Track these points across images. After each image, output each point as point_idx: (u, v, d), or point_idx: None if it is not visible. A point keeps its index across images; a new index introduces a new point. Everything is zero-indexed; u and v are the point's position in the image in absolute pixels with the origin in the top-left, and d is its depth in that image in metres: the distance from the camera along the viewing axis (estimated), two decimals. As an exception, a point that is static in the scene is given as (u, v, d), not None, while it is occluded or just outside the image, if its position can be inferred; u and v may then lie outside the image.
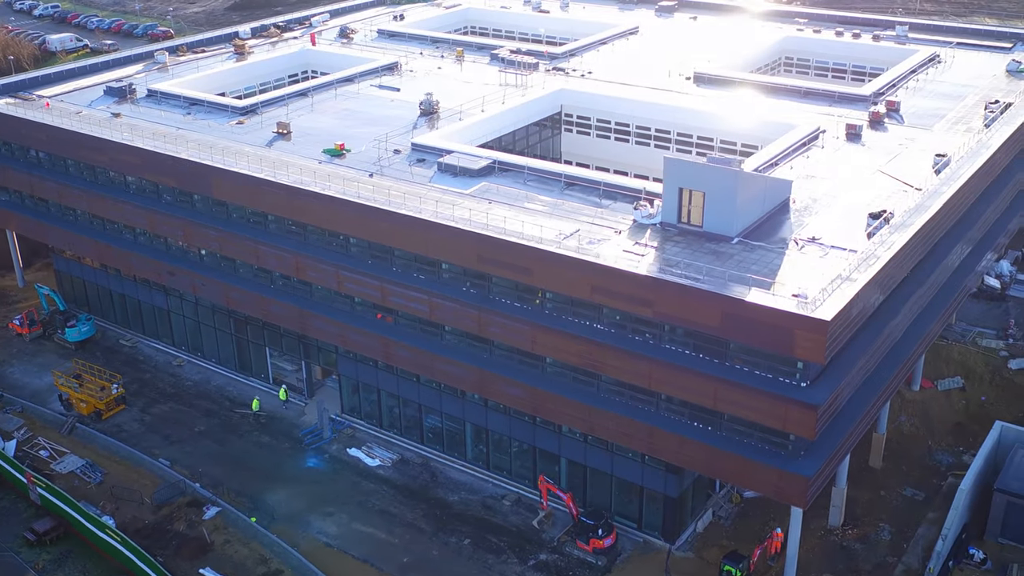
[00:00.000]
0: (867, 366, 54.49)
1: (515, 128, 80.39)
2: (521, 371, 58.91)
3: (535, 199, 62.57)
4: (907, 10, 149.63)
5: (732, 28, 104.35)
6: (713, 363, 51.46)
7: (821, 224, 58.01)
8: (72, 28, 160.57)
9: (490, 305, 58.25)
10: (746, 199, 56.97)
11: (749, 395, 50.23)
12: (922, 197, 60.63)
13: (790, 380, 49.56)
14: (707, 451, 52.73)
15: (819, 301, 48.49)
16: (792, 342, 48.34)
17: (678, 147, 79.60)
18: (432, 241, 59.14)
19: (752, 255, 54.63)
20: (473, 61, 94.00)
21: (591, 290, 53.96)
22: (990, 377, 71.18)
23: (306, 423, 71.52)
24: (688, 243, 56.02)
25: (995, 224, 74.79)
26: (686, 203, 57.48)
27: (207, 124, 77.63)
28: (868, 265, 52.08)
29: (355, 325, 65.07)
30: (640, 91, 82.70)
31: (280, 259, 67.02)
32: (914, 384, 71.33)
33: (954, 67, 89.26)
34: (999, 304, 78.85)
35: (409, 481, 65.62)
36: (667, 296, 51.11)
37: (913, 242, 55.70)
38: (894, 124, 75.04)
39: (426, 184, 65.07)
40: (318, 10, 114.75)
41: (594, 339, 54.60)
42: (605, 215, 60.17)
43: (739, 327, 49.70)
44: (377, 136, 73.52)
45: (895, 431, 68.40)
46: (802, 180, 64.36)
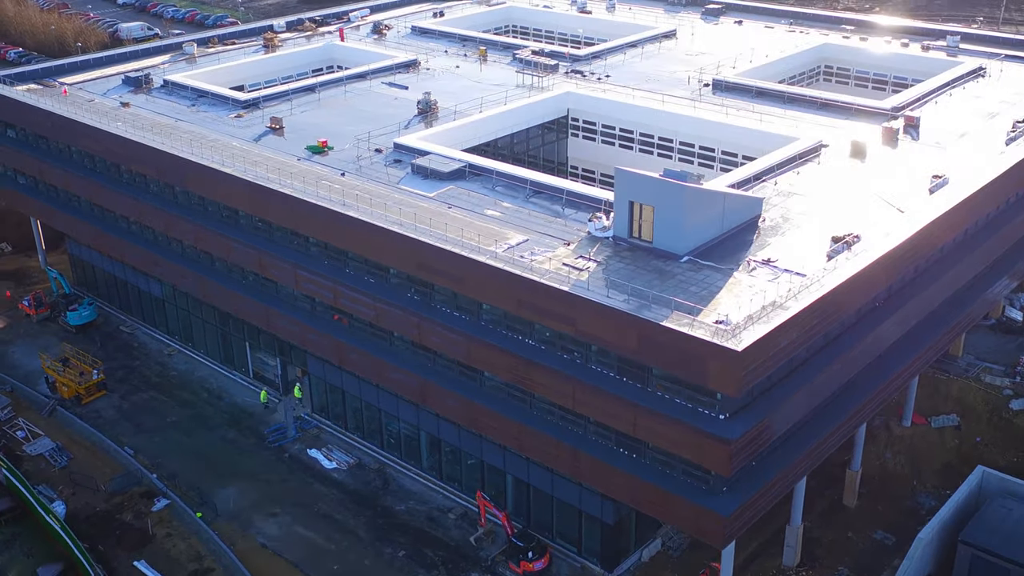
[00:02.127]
0: (811, 402, 51.03)
1: (515, 131, 78.55)
2: (460, 383, 57.23)
3: (497, 205, 60.75)
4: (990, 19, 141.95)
5: (774, 34, 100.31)
6: (634, 388, 48.86)
7: (784, 245, 54.65)
8: (149, 17, 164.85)
9: (430, 313, 56.71)
10: (699, 216, 54.02)
11: (666, 424, 47.50)
12: (900, 221, 56.61)
13: (709, 411, 46.64)
14: (628, 480, 50.18)
15: (740, 329, 45.48)
16: (705, 371, 45.44)
17: (680, 156, 76.63)
18: (375, 245, 57.93)
19: (696, 275, 51.73)
20: (495, 61, 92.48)
21: (518, 304, 51.92)
22: (988, 416, 66.25)
23: (276, 420, 71.18)
24: (634, 259, 53.41)
25: (1012, 251, 69.81)
26: (637, 217, 54.83)
27: (208, 116, 78.07)
28: (808, 292, 48.66)
29: (312, 326, 64.35)
30: (646, 98, 79.83)
31: (247, 255, 66.79)
32: (905, 419, 66.90)
33: (999, 81, 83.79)
34: (1017, 338, 73.42)
35: (361, 486, 64.59)
36: (587, 315, 48.72)
37: (872, 269, 51.83)
38: (907, 141, 70.55)
39: (393, 186, 63.89)
40: (366, 5, 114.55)
41: (523, 355, 52.53)
42: (561, 225, 57.98)
43: (655, 352, 47.03)
44: (369, 134, 72.67)
45: (878, 468, 64.27)
46: (781, 197, 60.97)
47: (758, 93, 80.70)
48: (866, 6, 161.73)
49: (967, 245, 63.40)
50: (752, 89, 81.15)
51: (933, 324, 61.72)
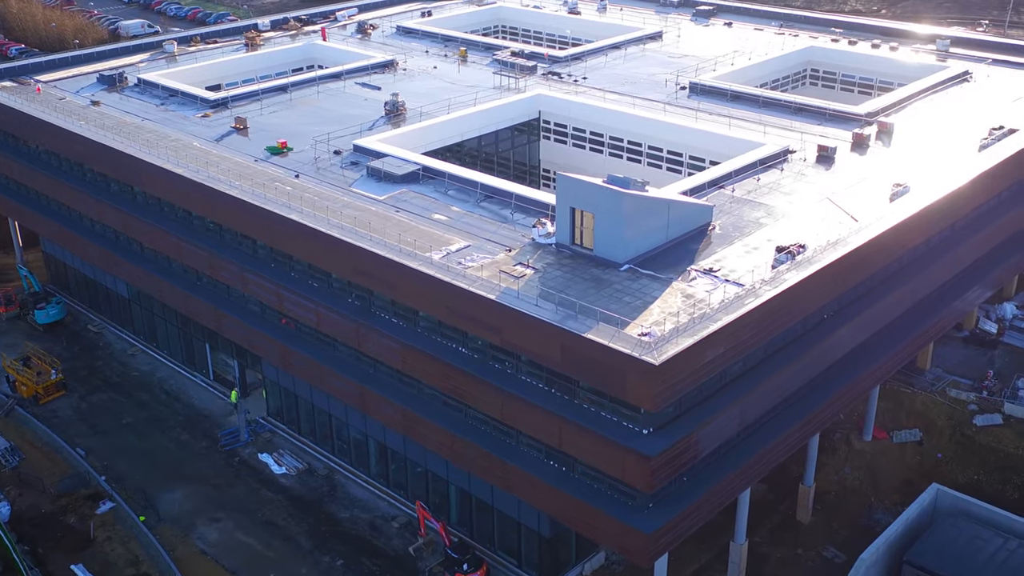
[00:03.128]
0: (747, 416, 49.57)
1: (484, 132, 77.49)
2: (398, 391, 56.17)
3: (446, 210, 59.69)
4: (996, 22, 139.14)
5: (762, 36, 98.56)
6: (561, 400, 47.63)
7: (730, 254, 53.20)
8: (153, 14, 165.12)
9: (368, 320, 55.72)
10: (641, 223, 52.66)
11: (589, 438, 46.23)
12: (852, 230, 55.00)
13: (632, 426, 45.34)
14: (556, 494, 48.91)
15: (664, 342, 44.16)
16: (624, 385, 44.17)
17: (649, 161, 75.30)
18: (314, 248, 57.05)
19: (634, 285, 50.42)
20: (474, 62, 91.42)
21: (448, 312, 50.84)
22: (951, 432, 64.36)
23: (231, 423, 70.51)
24: (573, 267, 52.18)
25: (984, 261, 67.90)
26: (578, 224, 53.64)
27: (175, 116, 77.51)
28: (740, 304, 47.23)
29: (260, 329, 63.53)
30: (617, 102, 78.49)
31: (198, 257, 66.10)
32: (865, 433, 65.16)
33: (984, 86, 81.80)
34: (988, 351, 71.38)
35: (307, 492, 63.77)
36: (512, 325, 47.57)
37: (814, 281, 50.29)
38: (878, 147, 68.85)
39: (345, 188, 63.02)
40: (358, 4, 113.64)
41: (454, 364, 51.42)
42: (507, 231, 56.83)
43: (578, 364, 45.79)
44: (332, 135, 71.85)
45: (836, 483, 62.66)
46: (736, 204, 59.55)
47: (733, 97, 79.26)
48: (873, 8, 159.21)
49: (931, 254, 61.66)
50: (727, 93, 79.71)
51: (893, 335, 60.07)
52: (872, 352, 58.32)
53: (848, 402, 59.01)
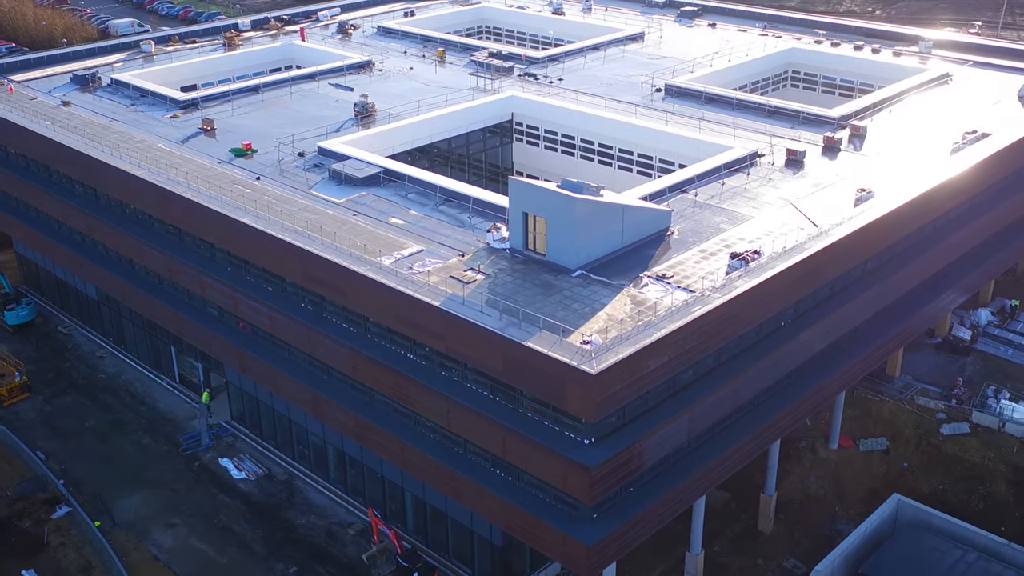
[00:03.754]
0: (697, 425, 48.75)
1: (454, 134, 76.77)
2: (350, 397, 55.49)
3: (404, 213, 58.98)
4: (991, 23, 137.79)
5: (745, 37, 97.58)
6: (505, 409, 46.86)
7: (687, 260, 52.37)
8: (145, 14, 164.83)
9: (320, 325, 55.05)
10: (594, 229, 51.82)
11: (532, 448, 45.47)
12: (810, 237, 54.11)
13: (574, 436, 44.54)
14: (501, 504, 48.17)
15: (604, 350, 43.37)
16: (563, 394, 43.38)
17: (620, 164, 74.47)
18: (266, 252, 56.40)
19: (584, 291, 49.64)
20: (452, 63, 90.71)
21: (395, 318, 50.13)
22: (918, 441, 63.36)
23: (193, 427, 69.93)
24: (525, 273, 51.41)
25: (956, 266, 66.95)
26: (531, 229, 52.86)
27: (143, 116, 76.93)
28: (687, 312, 46.40)
29: (218, 333, 62.93)
30: (590, 104, 77.67)
31: (158, 259, 65.53)
32: (831, 441, 64.23)
33: (962, 89, 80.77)
34: (961, 359, 70.34)
35: (265, 498, 63.14)
36: (455, 332, 46.84)
37: (766, 288, 49.42)
38: (848, 152, 67.92)
39: (305, 191, 62.36)
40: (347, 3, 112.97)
41: (402, 371, 50.72)
42: (463, 235, 56.07)
43: (519, 372, 45.01)
44: (300, 137, 71.19)
45: (800, 492, 61.75)
46: (698, 209, 58.72)
47: (708, 99, 78.39)
48: (868, 8, 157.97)
49: (898, 260, 60.74)
50: (702, 95, 78.84)
51: (857, 341, 59.24)
52: (835, 359, 57.54)
53: (809, 409, 58.13)
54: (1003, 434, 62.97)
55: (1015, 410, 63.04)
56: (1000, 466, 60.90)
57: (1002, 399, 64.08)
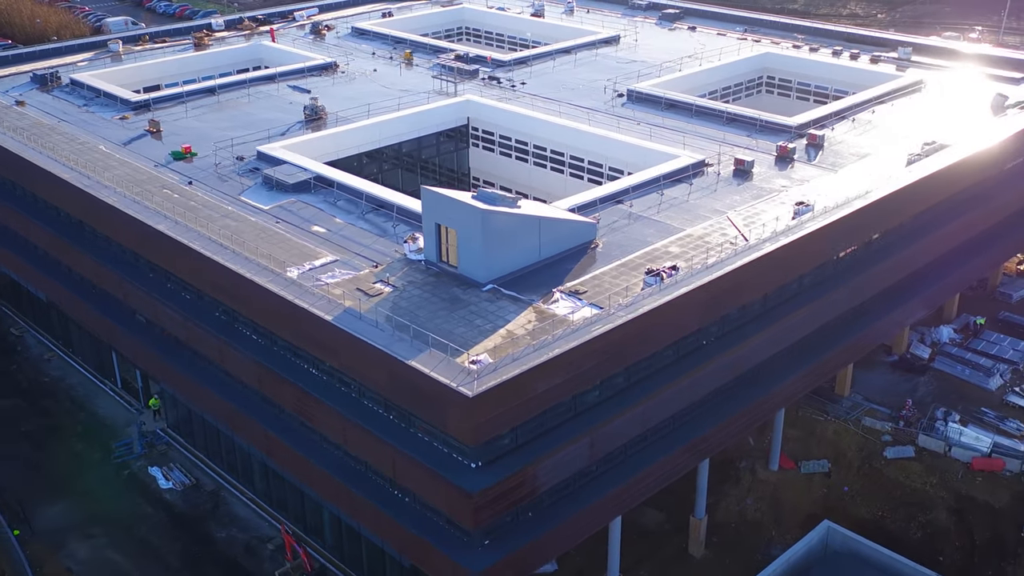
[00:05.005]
0: (603, 448, 46.80)
1: (406, 139, 75.24)
2: (261, 411, 54.01)
3: (328, 221, 57.48)
4: (992, 28, 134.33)
5: (723, 41, 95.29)
6: (397, 429, 45.21)
7: (604, 275, 50.47)
8: (143, 11, 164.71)
9: (230, 337, 53.68)
10: (506, 241, 50.04)
11: (418, 470, 43.84)
12: (735, 252, 52.04)
13: (461, 459, 42.82)
14: (396, 527, 46.53)
15: (491, 370, 41.60)
16: (444, 416, 41.73)
17: (571, 171, 72.60)
18: (178, 261, 55.13)
19: (491, 306, 47.90)
20: (418, 65, 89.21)
21: (292, 332, 48.66)
22: (860, 464, 60.95)
23: (128, 434, 68.81)
24: (434, 286, 49.76)
25: (908, 283, 64.52)
26: (444, 241, 51.22)
27: (93, 118, 76.01)
28: (586, 332, 44.51)
29: (141, 340, 61.79)
30: (545, 109, 75.85)
31: (88, 265, 64.55)
32: (772, 463, 61.99)
33: (934, 96, 78.21)
34: (916, 378, 67.69)
35: (189, 509, 61.88)
36: (346, 347, 45.25)
37: (675, 307, 47.38)
38: (800, 162, 65.68)
39: (233, 197, 61.01)
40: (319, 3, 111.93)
41: (301, 386, 49.23)
42: (382, 245, 54.48)
43: (404, 392, 43.40)
44: (246, 140, 69.91)
45: (737, 515, 59.60)
46: (629, 220, 56.81)
47: (668, 105, 76.38)
48: (872, 12, 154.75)
49: (841, 275, 58.51)
50: (662, 101, 76.80)
51: (795, 359, 57.09)
52: (770, 376, 55.45)
53: (739, 430, 56.08)
54: (949, 459, 60.42)
55: (963, 434, 60.48)
56: (942, 493, 58.42)
57: (951, 422, 61.49)
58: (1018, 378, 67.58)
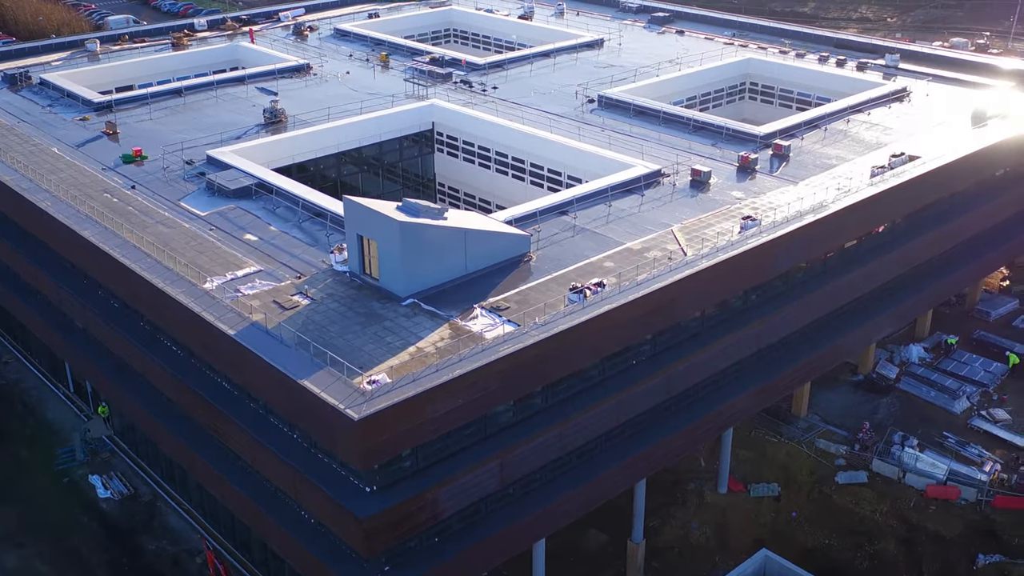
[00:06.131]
0: (510, 473, 44.91)
1: (365, 143, 73.68)
2: (179, 423, 52.67)
3: (263, 229, 56.05)
4: (1001, 34, 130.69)
5: (709, 46, 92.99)
6: (299, 449, 43.63)
7: (531, 290, 48.64)
8: (148, 9, 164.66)
9: (149, 347, 52.36)
10: (428, 254, 48.28)
11: (315, 492, 42.24)
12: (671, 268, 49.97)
13: (357, 482, 41.17)
14: (300, 550, 44.94)
15: (385, 392, 39.91)
16: (334, 439, 40.11)
17: (532, 179, 70.75)
18: (102, 268, 53.87)
19: (407, 322, 46.20)
20: (394, 68, 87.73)
21: (201, 345, 47.26)
22: (811, 489, 58.61)
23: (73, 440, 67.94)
24: (353, 299, 48.14)
25: (868, 300, 62.13)
26: (366, 252, 49.63)
27: (54, 119, 75.16)
28: (494, 351, 42.70)
29: (74, 346, 60.73)
30: (510, 115, 74.01)
31: (28, 269, 63.58)
32: (720, 485, 59.77)
33: (915, 106, 75.62)
34: (879, 398, 65.10)
35: (124, 520, 60.73)
36: (247, 363, 43.75)
37: (593, 326, 45.40)
38: (762, 173, 63.44)
39: (173, 202, 59.76)
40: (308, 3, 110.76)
41: (210, 400, 47.82)
42: (312, 255, 52.92)
43: (298, 412, 41.84)
44: (201, 143, 68.72)
45: (681, 539, 57.51)
46: (570, 233, 54.90)
47: (636, 112, 74.32)
48: (884, 15, 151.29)
49: (790, 292, 56.30)
50: (631, 107, 74.77)
51: (740, 378, 54.92)
52: (713, 396, 53.33)
53: (678, 451, 53.97)
54: (903, 485, 57.90)
55: (919, 460, 57.92)
56: (892, 521, 55.94)
57: (908, 447, 58.95)
58: (986, 401, 64.82)
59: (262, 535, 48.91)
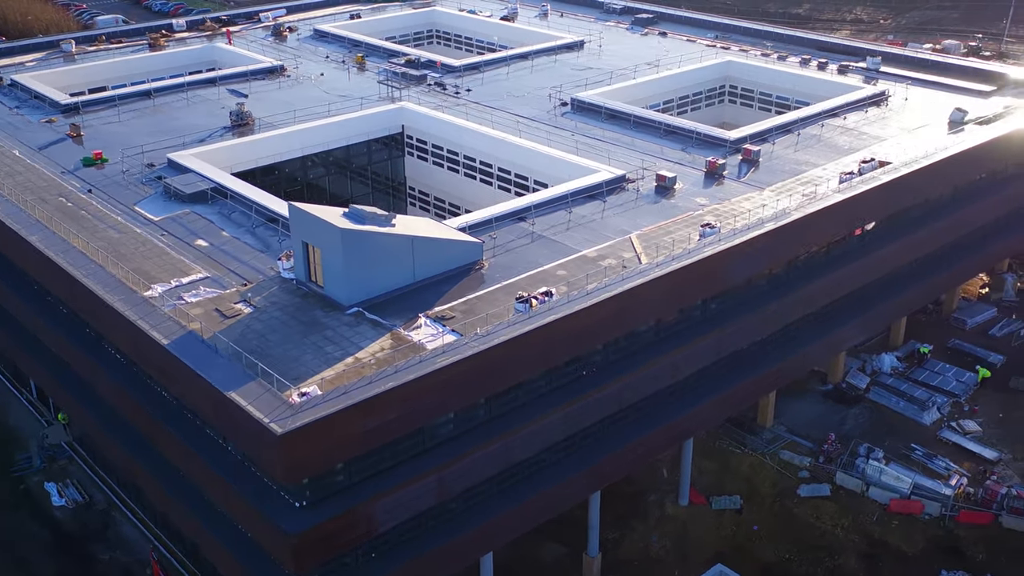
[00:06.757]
0: (448, 490, 43.78)
1: (333, 147, 72.77)
2: (124, 431, 51.69)
3: (215, 235, 55.14)
4: (995, 36, 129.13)
5: (689, 47, 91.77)
6: (232, 461, 42.64)
7: (480, 300, 47.58)
8: (140, 9, 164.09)
9: (95, 355, 51.43)
10: (373, 262, 47.24)
11: (245, 507, 41.29)
12: (623, 277, 48.85)
13: (288, 497, 40.15)
14: (236, 565, 43.96)
15: (317, 404, 38.91)
16: (259, 453, 39.12)
17: (499, 184, 69.68)
18: (48, 274, 52.94)
19: (350, 331, 45.20)
20: (369, 70, 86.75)
21: (138, 355, 46.33)
22: (772, 502, 57.39)
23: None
24: (296, 308, 47.15)
25: (839, 308, 60.95)
26: (312, 260, 48.65)
27: (19, 121, 74.45)
28: (431, 362, 41.67)
29: (29, 353, 59.85)
30: (478, 119, 72.94)
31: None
32: (681, 497, 58.58)
33: (893, 110, 74.32)
34: (847, 409, 63.81)
35: (77, 529, 59.80)
36: (177, 373, 42.79)
37: (537, 337, 44.31)
38: (730, 179, 62.27)
39: (128, 207, 58.90)
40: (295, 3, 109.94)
41: (147, 409, 46.89)
42: (261, 262, 51.96)
43: (227, 424, 40.86)
44: (165, 146, 67.85)
45: (641, 552, 56.36)
46: (527, 240, 53.83)
47: (608, 115, 73.20)
48: (877, 17, 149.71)
49: (752, 301, 55.11)
50: (602, 111, 73.65)
51: (699, 388, 53.77)
52: (670, 406, 52.16)
53: (632, 463, 52.79)
54: (866, 499, 56.66)
55: (883, 473, 56.64)
56: (854, 536, 54.70)
57: (873, 459, 57.67)
58: (957, 412, 63.51)
59: (201, 547, 47.91)
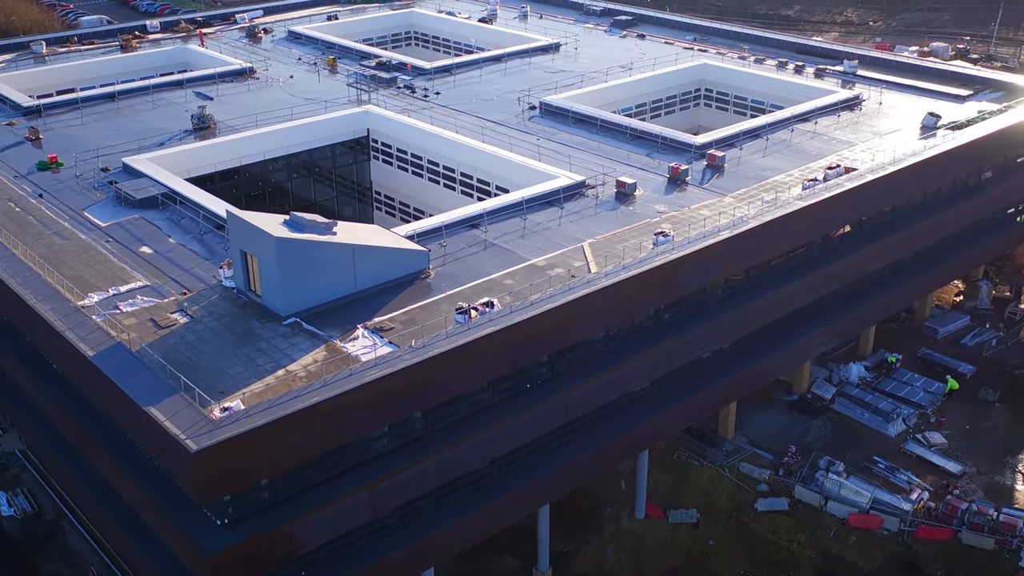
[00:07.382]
0: (381, 506, 42.64)
1: (294, 151, 71.62)
2: (61, 444, 50.63)
3: (161, 241, 54.02)
4: (983, 38, 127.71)
5: (666, 50, 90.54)
6: (158, 476, 41.44)
7: (422, 310, 46.46)
8: (127, 9, 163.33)
9: (30, 367, 50.32)
10: (311, 271, 46.10)
11: (167, 524, 40.17)
12: (570, 287, 47.67)
13: (210, 514, 39.05)
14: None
15: (238, 419, 37.81)
16: (176, 467, 38.01)
17: (462, 189, 68.55)
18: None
19: (284, 343, 44.07)
20: (339, 72, 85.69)
21: (66, 367, 45.27)
22: (729, 515, 56.14)
23: None
24: (233, 318, 46.04)
25: (800, 317, 59.71)
26: (250, 269, 47.55)
27: (-21, 122, 73.78)
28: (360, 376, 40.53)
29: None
30: (442, 122, 71.84)
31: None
32: (637, 510, 57.36)
33: (866, 114, 73.03)
34: (811, 420, 62.50)
35: (23, 540, 58.70)
36: (101, 386, 41.68)
37: (472, 350, 43.14)
38: (692, 185, 61.08)
39: (76, 212, 57.86)
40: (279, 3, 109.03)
41: (78, 422, 45.84)
42: (204, 270, 50.82)
43: (148, 438, 39.71)
44: (126, 149, 66.88)
45: (595, 567, 55.15)
46: (477, 248, 52.69)
47: (575, 120, 72.04)
48: (867, 19, 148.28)
49: (704, 313, 53.91)
50: (570, 115, 72.49)
51: (651, 402, 52.62)
52: (619, 419, 51.01)
53: (578, 476, 51.56)
54: (824, 513, 55.40)
55: (842, 486, 55.36)
56: (810, 552, 53.45)
57: (833, 472, 56.39)
58: (923, 424, 62.20)
59: (131, 564, 46.87)
